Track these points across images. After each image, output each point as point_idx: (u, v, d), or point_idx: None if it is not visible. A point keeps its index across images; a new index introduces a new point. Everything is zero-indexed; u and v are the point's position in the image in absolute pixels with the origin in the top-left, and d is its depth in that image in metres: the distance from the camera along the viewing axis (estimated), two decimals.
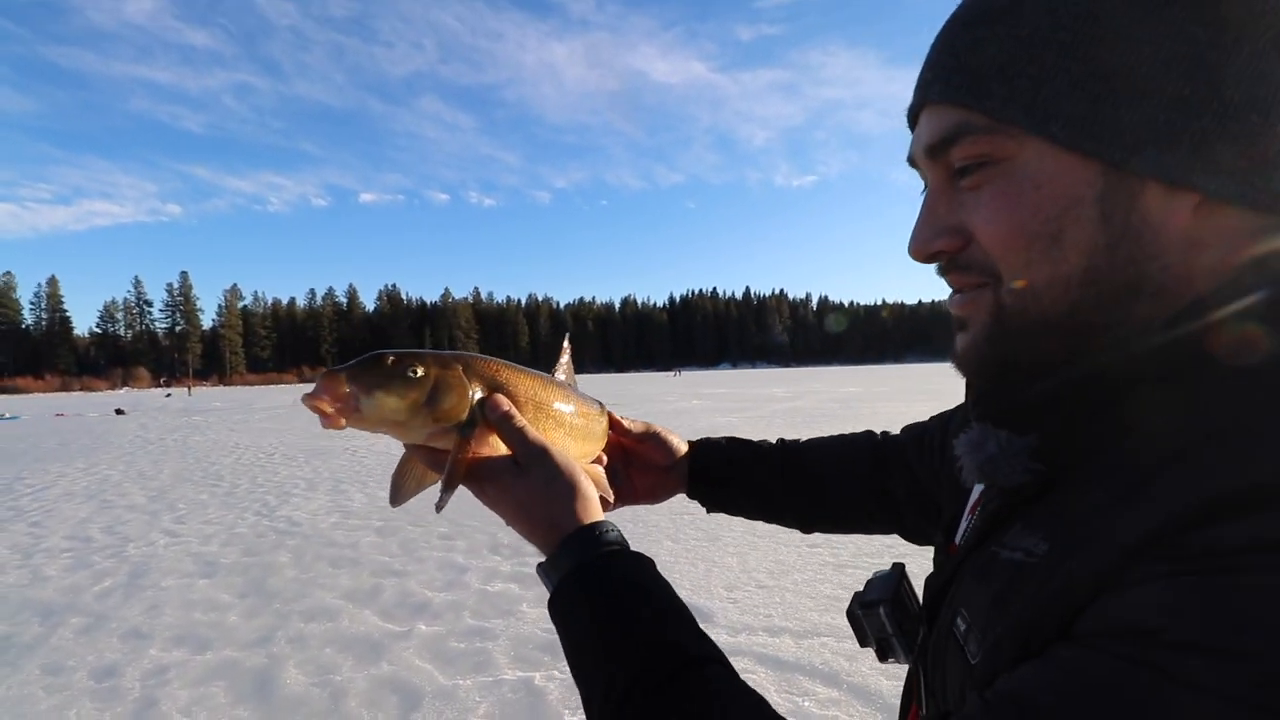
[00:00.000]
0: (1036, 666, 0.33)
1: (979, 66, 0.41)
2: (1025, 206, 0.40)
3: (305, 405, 0.51)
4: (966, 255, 0.43)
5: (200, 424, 21.32)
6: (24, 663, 3.49)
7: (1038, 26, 0.39)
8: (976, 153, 0.41)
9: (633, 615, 0.49)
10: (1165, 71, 0.36)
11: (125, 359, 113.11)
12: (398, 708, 2.95)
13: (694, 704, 0.44)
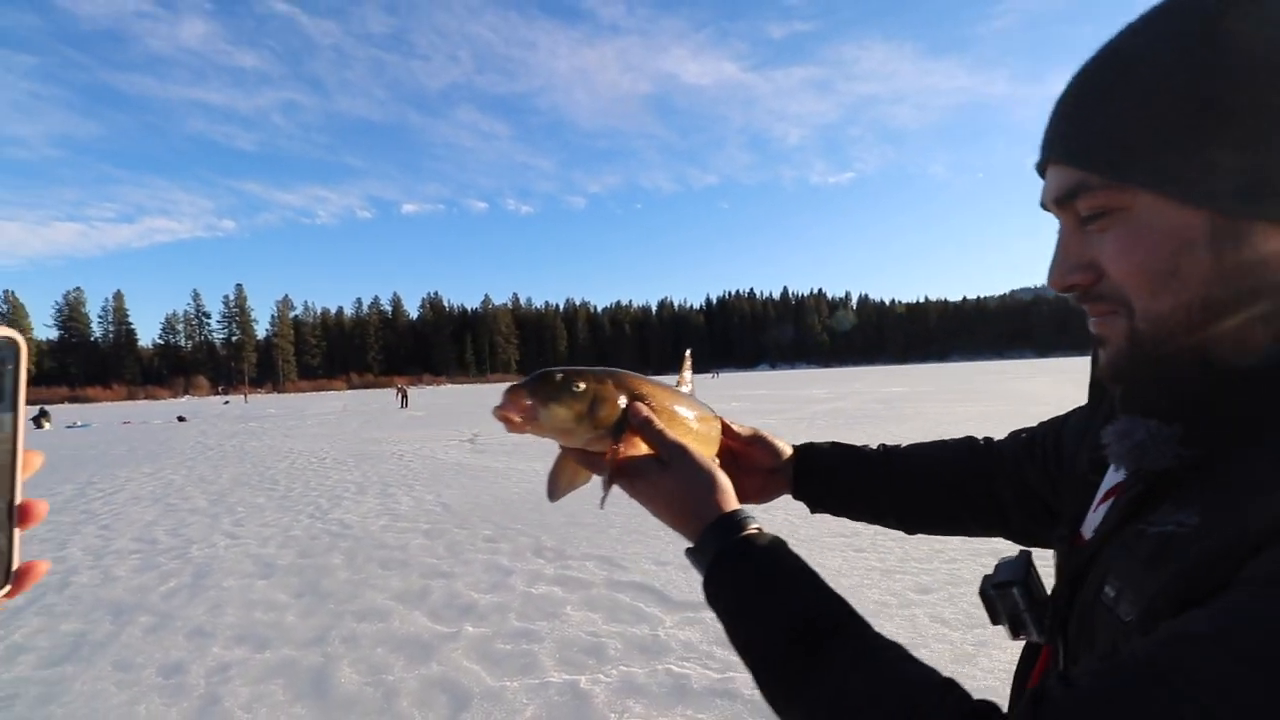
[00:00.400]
0: (1201, 610, 0.37)
1: (1092, 133, 0.48)
2: (1145, 248, 0.46)
3: (496, 416, 0.61)
4: (1099, 288, 0.50)
5: (256, 430, 22.13)
6: (97, 659, 3.67)
7: (1144, 100, 0.45)
8: (1096, 205, 0.48)
9: (777, 585, 0.55)
10: (1259, 136, 0.42)
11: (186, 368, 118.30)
12: (447, 707, 3.00)
13: (846, 655, 0.49)
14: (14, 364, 0.38)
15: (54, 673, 3.51)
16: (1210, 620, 0.36)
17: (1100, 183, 0.47)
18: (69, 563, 5.74)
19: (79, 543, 6.50)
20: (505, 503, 7.64)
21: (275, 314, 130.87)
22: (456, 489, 8.76)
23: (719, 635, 3.64)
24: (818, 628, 0.51)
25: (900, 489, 0.85)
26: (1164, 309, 0.46)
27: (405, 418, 25.84)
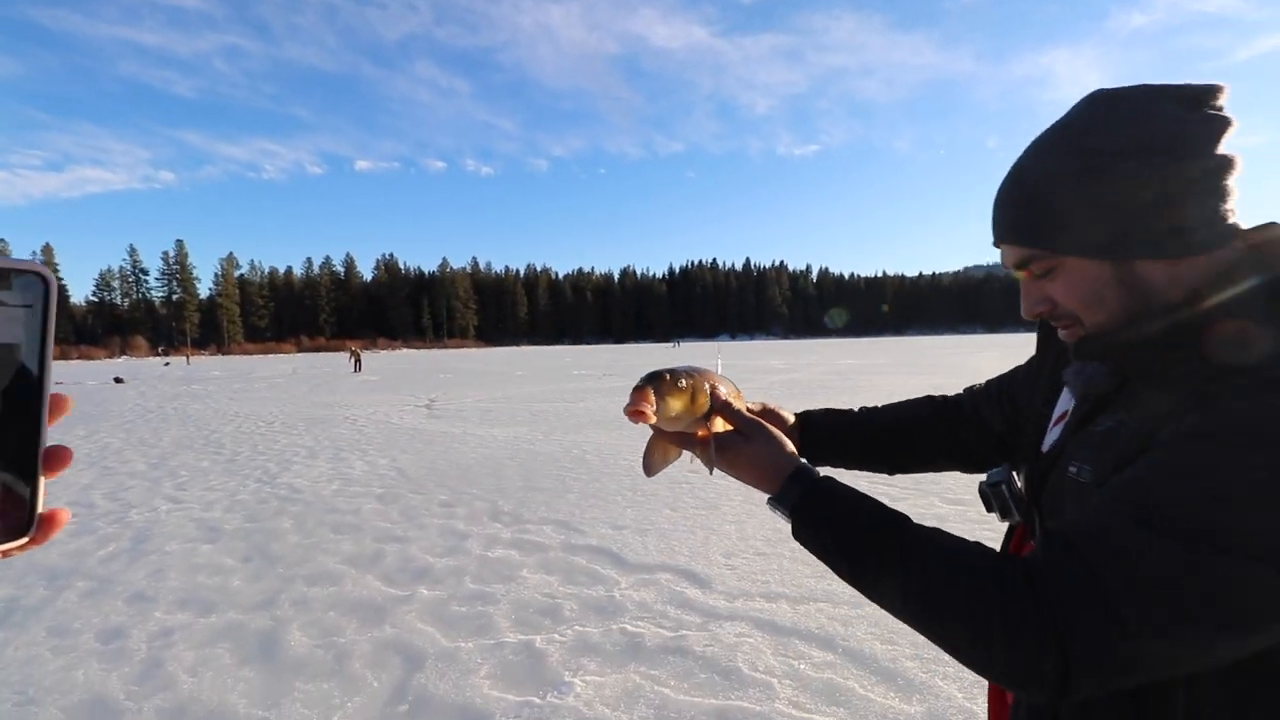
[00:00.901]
0: (1135, 464, 0.62)
1: (1030, 224, 0.73)
2: (1078, 289, 0.72)
3: (628, 413, 0.76)
4: (1056, 312, 0.75)
5: (200, 393, 21.35)
6: (30, 624, 3.54)
7: (1057, 200, 0.70)
8: (1041, 267, 0.73)
9: (852, 505, 0.73)
10: (1122, 213, 0.67)
11: (123, 328, 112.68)
12: (401, 668, 3.00)
13: (914, 540, 0.67)
14: (42, 303, 0.36)
15: None
16: (1142, 466, 0.61)
17: (1040, 255, 0.73)
18: None
19: None
20: (462, 468, 7.58)
21: (219, 272, 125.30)
22: (412, 454, 8.65)
23: (672, 596, 3.72)
24: (887, 528, 0.69)
25: (885, 440, 1.09)
26: (1100, 320, 0.72)
27: (359, 382, 25.27)
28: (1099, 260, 0.69)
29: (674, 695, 2.73)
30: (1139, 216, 0.66)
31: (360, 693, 2.80)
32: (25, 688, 2.88)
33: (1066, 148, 0.70)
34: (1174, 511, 0.55)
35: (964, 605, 0.61)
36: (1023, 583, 0.58)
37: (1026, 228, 0.73)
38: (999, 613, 0.58)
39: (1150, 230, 0.66)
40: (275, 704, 2.73)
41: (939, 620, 0.63)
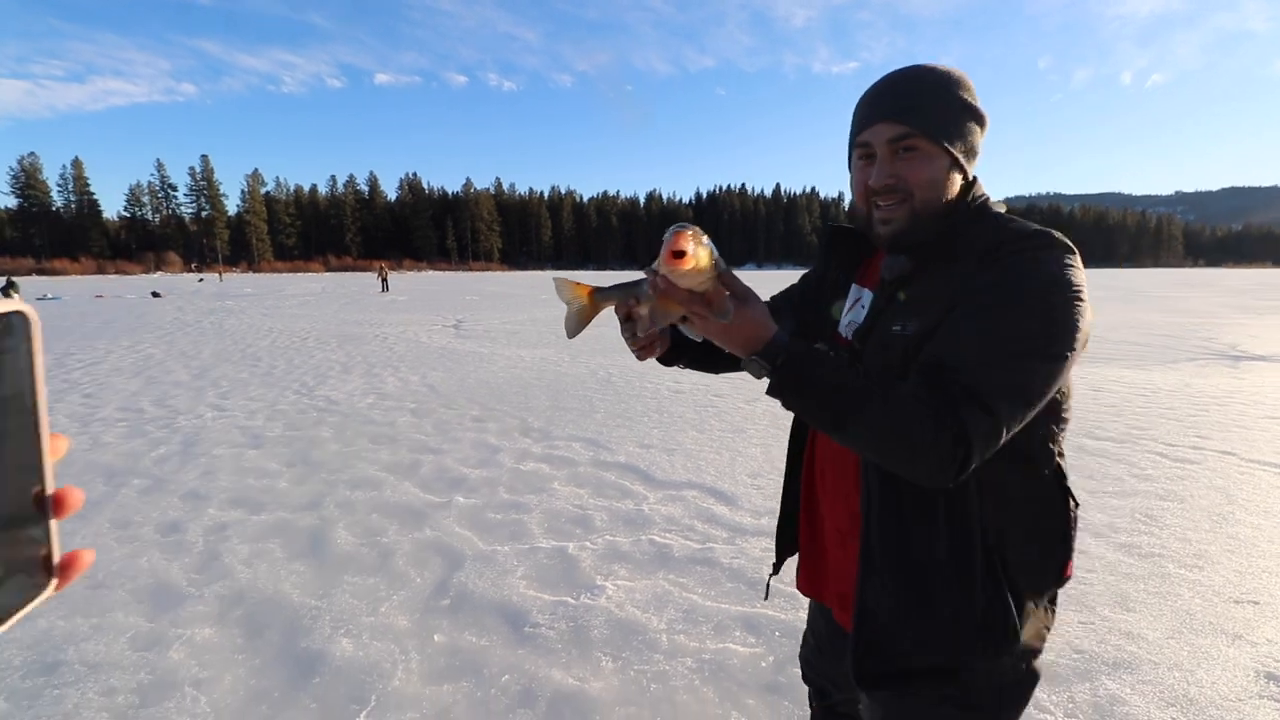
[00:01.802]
0: (954, 312, 0.91)
1: (913, 109, 0.97)
2: (929, 169, 0.98)
3: (669, 255, 0.77)
4: (897, 186, 0.99)
5: (234, 308, 21.80)
6: (94, 517, 3.76)
7: (933, 99, 0.98)
8: (909, 144, 0.98)
9: (823, 364, 0.89)
10: (970, 132, 1.00)
11: (155, 243, 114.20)
12: (441, 567, 3.15)
13: (869, 393, 0.85)
14: (26, 341, 0.34)
15: None
16: (963, 311, 0.89)
17: (915, 134, 0.97)
18: (55, 428, 5.74)
19: (63, 410, 6.50)
20: (491, 386, 7.71)
21: (246, 189, 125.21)
22: (441, 371, 8.80)
23: (699, 511, 3.81)
24: (845, 385, 0.87)
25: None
26: (930, 196, 0.99)
27: (386, 301, 25.55)
28: (946, 156, 0.99)
29: (702, 601, 2.84)
30: (970, 144, 1.01)
31: (405, 587, 2.96)
32: (94, 572, 3.09)
33: (950, 83, 1.00)
34: (1009, 328, 0.86)
35: (905, 429, 0.83)
36: (946, 409, 0.81)
37: (919, 112, 0.97)
38: (930, 429, 0.81)
39: (970, 154, 1.01)
40: (326, 594, 2.90)
41: (889, 443, 0.85)
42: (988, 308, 0.87)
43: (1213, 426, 5.72)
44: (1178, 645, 2.51)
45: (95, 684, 2.28)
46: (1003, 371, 0.84)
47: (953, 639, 0.97)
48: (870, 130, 1.01)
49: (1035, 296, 0.86)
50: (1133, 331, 13.83)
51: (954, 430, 0.80)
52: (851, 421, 0.85)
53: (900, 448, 0.83)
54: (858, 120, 1.04)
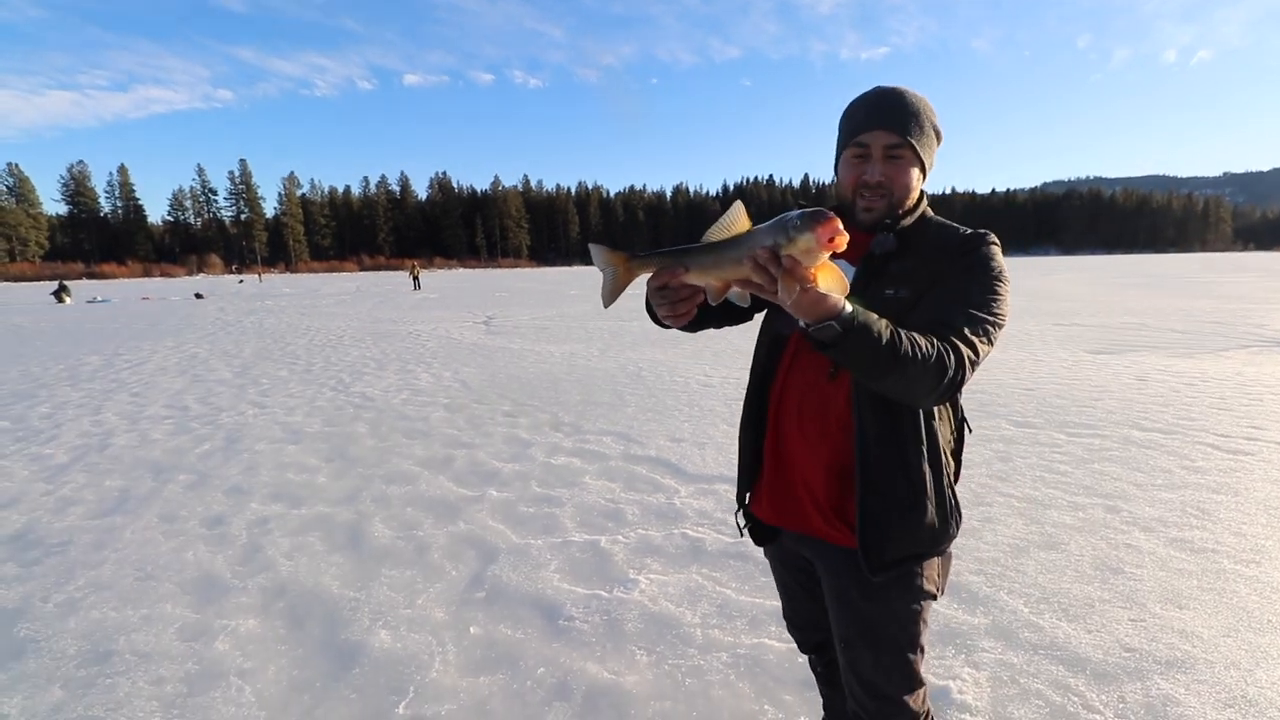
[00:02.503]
0: (942, 284, 1.26)
1: (908, 126, 1.27)
2: (908, 174, 1.30)
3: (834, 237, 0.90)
4: (883, 185, 1.29)
5: (273, 308, 22.34)
6: (143, 511, 3.89)
7: (916, 118, 1.29)
8: (899, 153, 1.28)
9: (875, 325, 1.05)
10: (933, 143, 1.34)
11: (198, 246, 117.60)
12: (476, 560, 3.18)
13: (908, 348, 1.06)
14: None
15: (104, 522, 3.73)
16: (952, 283, 1.24)
17: (905, 145, 1.27)
18: (106, 426, 5.97)
19: (113, 408, 6.73)
20: (522, 381, 7.77)
21: (282, 192, 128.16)
22: (473, 367, 8.90)
23: (732, 505, 3.77)
24: (894, 340, 1.04)
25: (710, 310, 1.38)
26: (903, 197, 1.31)
27: (419, 299, 25.92)
28: (920, 164, 1.30)
29: (735, 596, 2.82)
30: (932, 159, 1.34)
31: (440, 580, 3.00)
32: (144, 565, 3.20)
33: (927, 108, 1.30)
34: (980, 296, 1.21)
35: (938, 368, 1.08)
36: (950, 348, 1.10)
37: (912, 128, 1.27)
38: (951, 363, 1.09)
39: (931, 164, 1.34)
40: (364, 586, 2.95)
41: (923, 380, 1.08)
42: (968, 284, 1.23)
43: (1268, 416, 5.48)
44: (1234, 644, 2.40)
45: (145, 673, 2.36)
46: (980, 325, 1.17)
47: (932, 532, 1.31)
48: (870, 134, 1.28)
49: (996, 278, 1.24)
50: (1179, 318, 13.32)
51: (957, 362, 1.10)
52: (895, 373, 1.05)
53: (929, 380, 1.08)
54: (856, 122, 1.30)
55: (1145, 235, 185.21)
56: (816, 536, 1.39)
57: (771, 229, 0.92)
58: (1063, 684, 2.19)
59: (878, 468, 1.27)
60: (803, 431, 1.37)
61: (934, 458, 1.30)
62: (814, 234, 0.87)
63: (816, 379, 1.34)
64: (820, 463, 1.35)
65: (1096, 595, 2.74)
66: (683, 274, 1.01)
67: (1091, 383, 6.99)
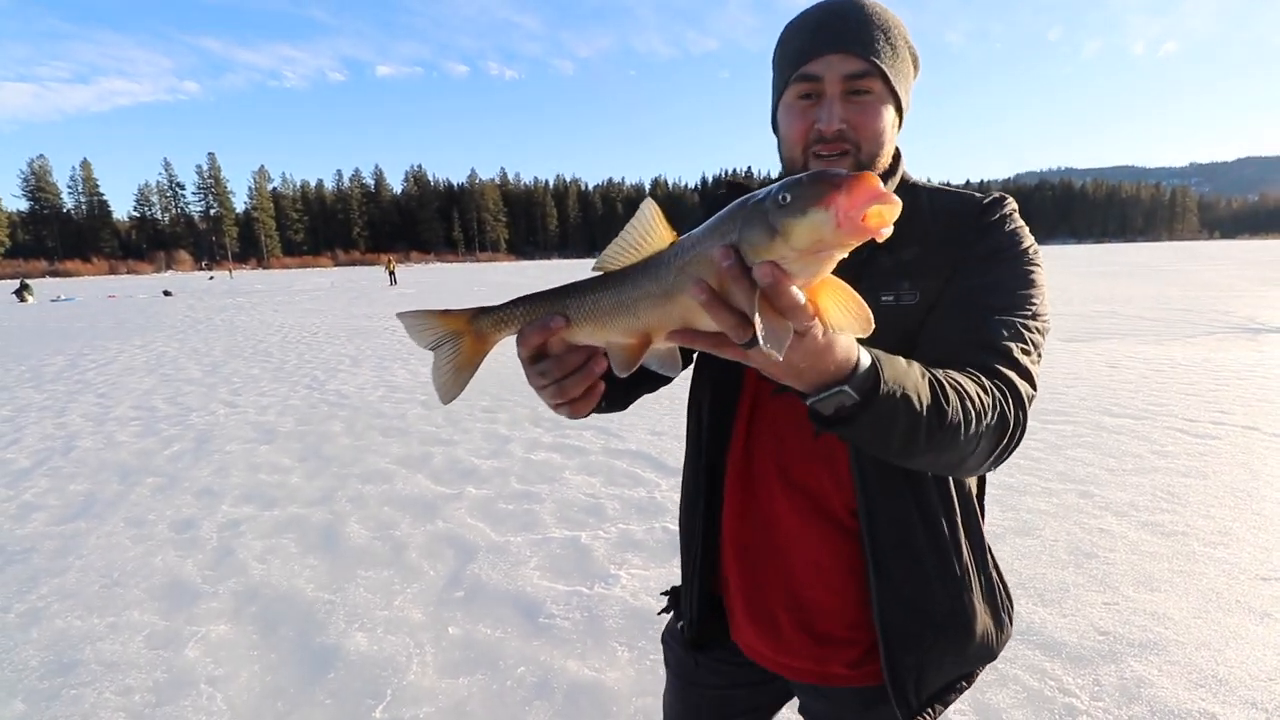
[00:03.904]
0: (963, 279, 0.87)
1: (878, 46, 0.86)
2: (880, 118, 0.88)
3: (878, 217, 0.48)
4: (845, 135, 0.87)
5: (244, 305, 21.91)
6: (109, 516, 3.78)
7: (885, 33, 0.87)
8: (866, 85, 0.86)
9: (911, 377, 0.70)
10: (910, 71, 0.92)
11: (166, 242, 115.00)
12: (455, 559, 3.14)
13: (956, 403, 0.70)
14: None
15: (68, 528, 3.62)
16: (978, 280, 0.86)
17: (873, 71, 0.86)
18: (70, 428, 5.80)
19: (78, 410, 6.54)
20: (500, 376, 7.69)
21: (253, 186, 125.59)
22: None
23: None
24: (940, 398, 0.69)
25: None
26: (875, 152, 0.89)
27: (395, 294, 25.60)
28: (895, 102, 0.90)
29: None
30: (909, 90, 0.94)
31: (418, 580, 2.95)
32: (110, 571, 3.11)
33: (896, 20, 0.90)
34: (1021, 293, 0.85)
35: (994, 433, 0.74)
36: (1004, 388, 0.76)
37: (880, 47, 0.86)
38: (1012, 420, 0.75)
39: (909, 103, 0.94)
40: (340, 588, 2.89)
41: (977, 454, 0.74)
42: (1000, 277, 0.86)
43: (1234, 401, 5.61)
44: (1205, 625, 2.45)
45: (112, 683, 2.29)
46: (1029, 337, 0.82)
47: (985, 642, 0.93)
48: (821, 61, 0.86)
49: (1031, 262, 0.88)
50: (1148, 306, 13.61)
51: (1018, 408, 0.76)
52: (937, 449, 0.70)
53: (987, 445, 0.74)
54: (797, 49, 0.89)
55: (1115, 225, 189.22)
56: (825, 684, 0.98)
57: (725, 222, 0.53)
58: (1039, 668, 2.22)
59: (897, 561, 0.89)
60: (794, 510, 0.96)
61: (972, 530, 0.93)
62: (826, 211, 0.47)
63: (800, 430, 0.94)
64: (823, 559, 0.95)
65: (1071, 580, 2.78)
66: (563, 329, 0.63)
67: (1064, 369, 7.11)
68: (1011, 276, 0.86)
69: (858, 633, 0.94)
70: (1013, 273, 0.86)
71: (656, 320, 0.59)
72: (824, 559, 0.94)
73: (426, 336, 0.70)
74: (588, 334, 0.63)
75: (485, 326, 0.69)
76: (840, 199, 0.46)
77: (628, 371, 0.61)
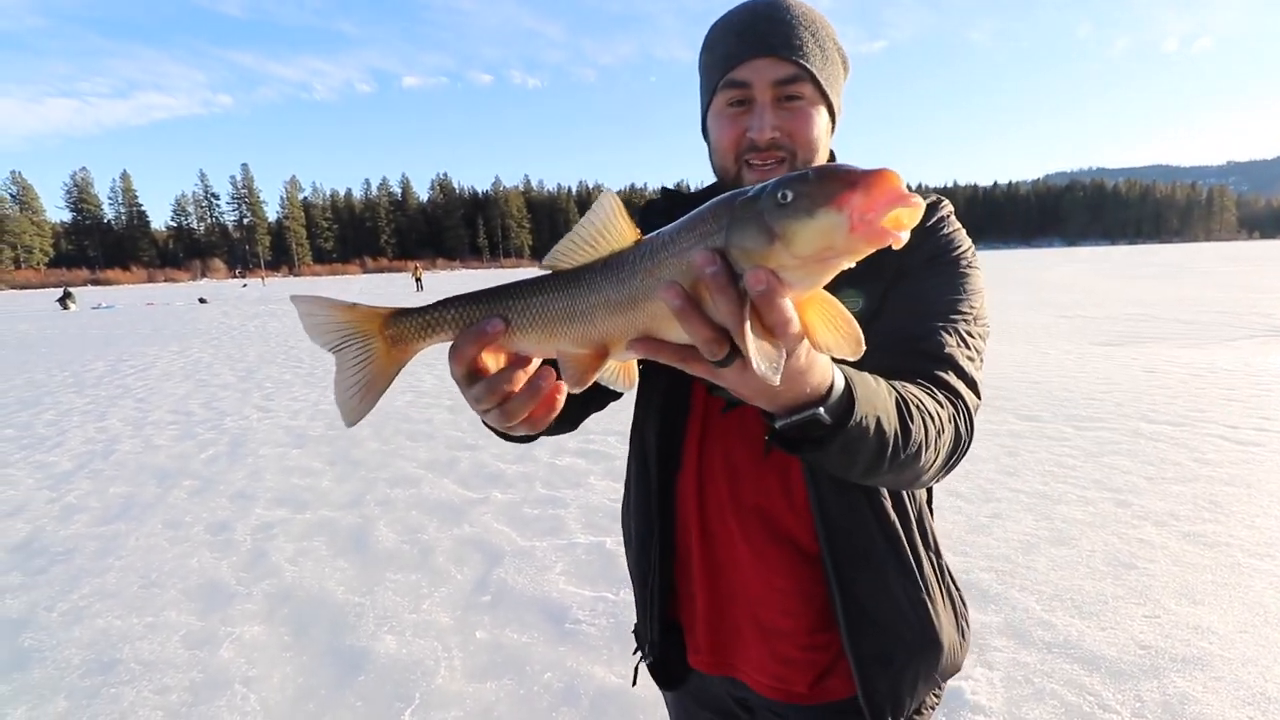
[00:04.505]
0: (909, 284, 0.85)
1: (808, 50, 0.84)
2: (814, 125, 0.86)
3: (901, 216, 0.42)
4: (779, 142, 0.85)
5: (277, 312, 22.38)
6: (148, 518, 3.88)
7: (813, 35, 0.85)
8: (798, 91, 0.84)
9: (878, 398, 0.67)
10: (840, 74, 0.91)
11: (201, 251, 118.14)
12: (481, 564, 3.16)
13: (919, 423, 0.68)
14: None
15: (108, 529, 3.72)
16: (923, 284, 0.85)
17: (803, 76, 0.84)
18: (110, 432, 5.97)
19: (118, 414, 6.73)
20: None
21: (284, 195, 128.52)
22: None
23: None
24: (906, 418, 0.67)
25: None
26: (810, 159, 0.86)
27: (422, 300, 25.93)
28: (827, 105, 0.88)
29: None
30: (840, 93, 0.91)
31: (445, 584, 2.98)
32: (148, 572, 3.18)
33: (824, 22, 0.88)
34: (963, 300, 0.84)
35: (949, 447, 0.73)
36: (953, 399, 0.76)
37: (809, 50, 0.84)
38: (964, 431, 0.75)
39: (840, 106, 0.92)
40: (369, 591, 2.93)
41: (933, 467, 0.72)
42: (941, 283, 0.85)
43: (1277, 407, 5.43)
44: (1251, 640, 2.37)
45: (150, 682, 2.34)
46: (973, 344, 0.82)
47: (952, 650, 0.92)
48: (749, 66, 0.84)
49: (970, 266, 0.87)
50: (1186, 309, 13.23)
51: (968, 418, 0.77)
52: (900, 468, 0.67)
53: (942, 459, 0.73)
54: (724, 54, 0.86)
55: (1149, 226, 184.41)
56: (789, 701, 0.94)
57: (706, 222, 0.47)
58: (1078, 683, 2.16)
59: (863, 582, 0.87)
60: (747, 536, 0.92)
61: (928, 538, 0.93)
62: (839, 213, 0.41)
63: (751, 448, 0.91)
64: (778, 581, 0.92)
65: (1110, 591, 2.70)
66: (503, 336, 0.53)
67: (1099, 375, 6.94)
68: (953, 281, 0.85)
69: (815, 654, 0.91)
70: (954, 277, 0.86)
71: (616, 329, 0.51)
72: (782, 582, 0.91)
73: (327, 334, 0.57)
74: (534, 343, 0.54)
75: (407, 330, 0.56)
76: (856, 199, 0.41)
77: (581, 387, 0.53)
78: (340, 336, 0.57)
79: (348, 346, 0.57)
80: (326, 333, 0.57)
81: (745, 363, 0.47)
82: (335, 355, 0.58)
